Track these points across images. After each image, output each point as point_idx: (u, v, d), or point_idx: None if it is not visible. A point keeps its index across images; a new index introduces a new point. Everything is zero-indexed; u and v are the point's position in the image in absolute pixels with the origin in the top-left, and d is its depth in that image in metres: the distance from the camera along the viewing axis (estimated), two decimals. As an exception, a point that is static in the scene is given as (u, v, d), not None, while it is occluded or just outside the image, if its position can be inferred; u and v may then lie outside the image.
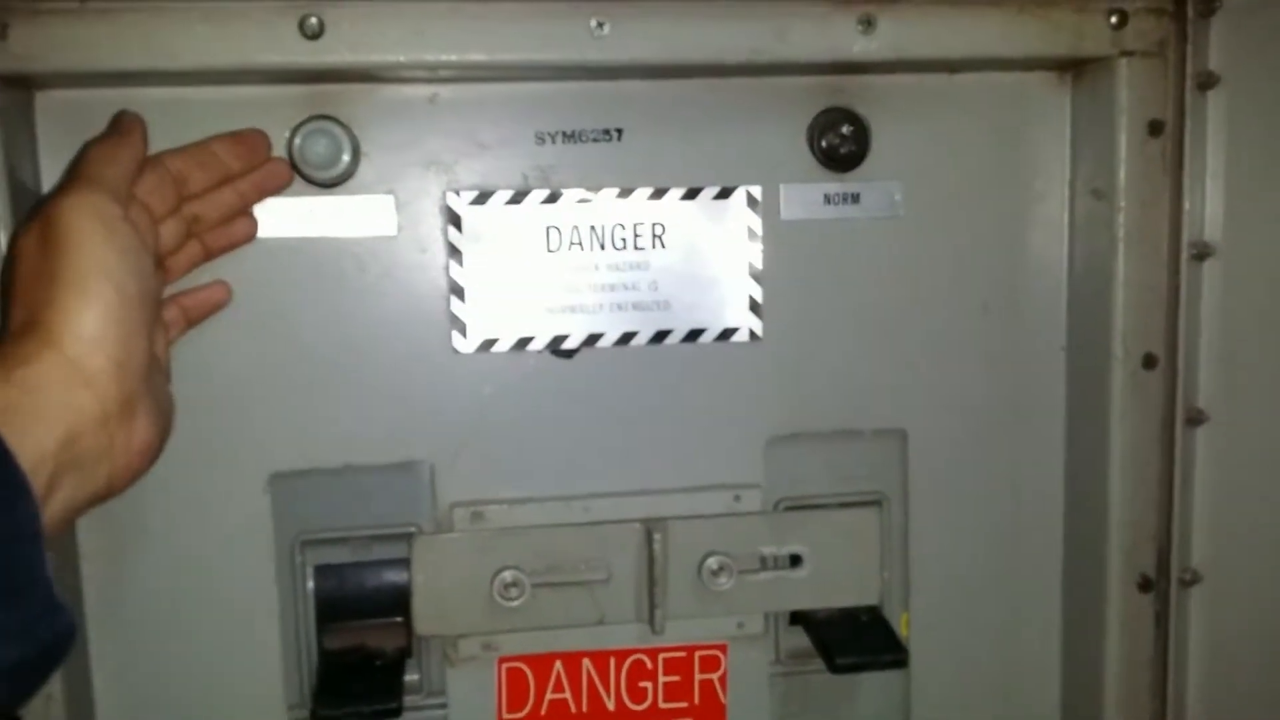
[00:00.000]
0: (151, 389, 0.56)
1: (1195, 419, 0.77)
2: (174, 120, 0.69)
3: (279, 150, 0.70)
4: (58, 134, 0.68)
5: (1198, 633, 0.80)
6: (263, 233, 0.70)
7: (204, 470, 0.72)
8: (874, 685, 0.84)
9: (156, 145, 0.68)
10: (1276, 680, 0.79)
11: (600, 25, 0.67)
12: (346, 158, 0.70)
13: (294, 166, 0.69)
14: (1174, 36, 0.74)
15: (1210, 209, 0.75)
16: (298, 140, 0.69)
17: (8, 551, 0.41)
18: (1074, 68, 0.77)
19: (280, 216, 0.70)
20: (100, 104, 0.68)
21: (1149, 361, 0.76)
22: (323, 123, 0.69)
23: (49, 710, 0.68)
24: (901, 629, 0.83)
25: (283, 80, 0.69)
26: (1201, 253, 0.75)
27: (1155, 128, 0.74)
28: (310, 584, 0.77)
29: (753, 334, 0.77)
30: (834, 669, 0.78)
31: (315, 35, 0.64)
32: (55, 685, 0.69)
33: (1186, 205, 0.75)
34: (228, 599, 0.74)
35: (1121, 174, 0.75)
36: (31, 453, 0.45)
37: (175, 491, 0.72)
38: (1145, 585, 0.79)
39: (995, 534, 0.83)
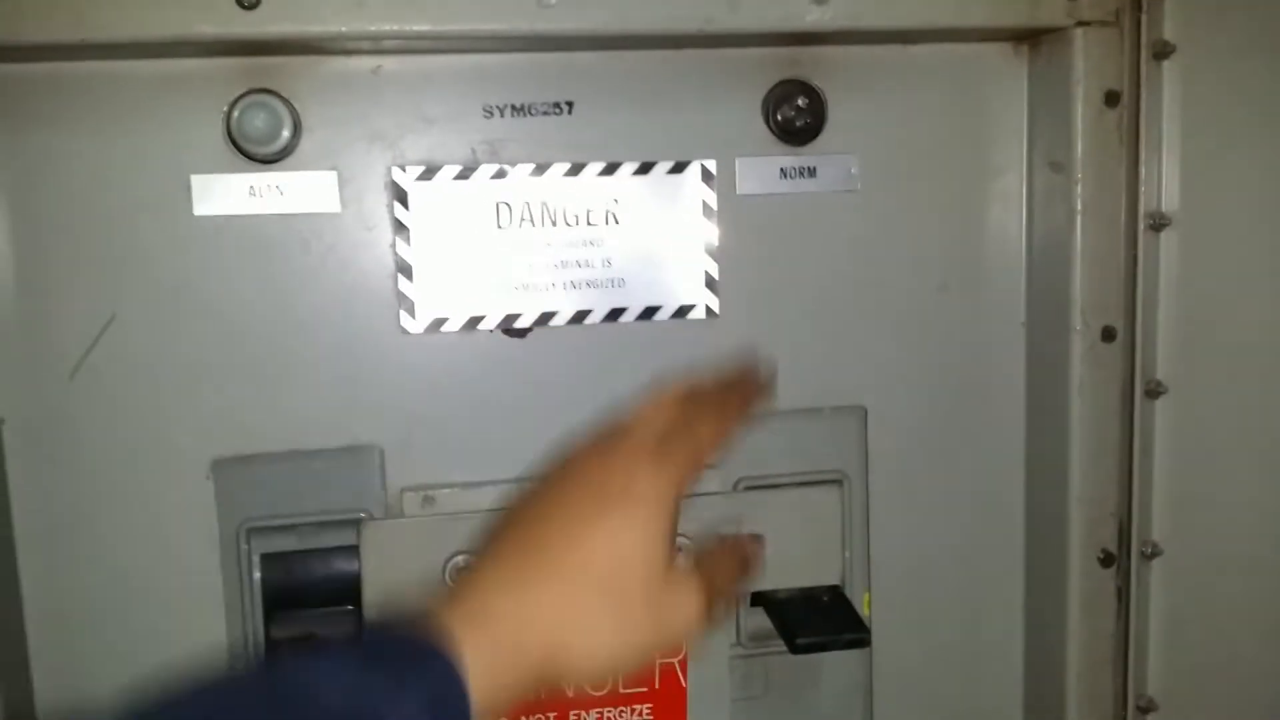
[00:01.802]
0: None
1: (1154, 391, 0.76)
2: (108, 95, 0.67)
3: (217, 124, 0.67)
4: (-14, 109, 0.66)
5: (1158, 606, 0.79)
6: (201, 210, 0.68)
7: (144, 456, 0.70)
8: (836, 665, 0.83)
9: (91, 120, 0.66)
10: (1235, 651, 0.79)
11: (547, -7, 0.65)
12: (287, 133, 0.68)
13: (232, 142, 0.67)
14: (1129, 6, 0.73)
15: (1166, 179, 0.74)
16: (236, 114, 0.67)
17: None
18: (1030, 38, 0.77)
19: (219, 193, 0.68)
20: (31, 79, 0.65)
21: (1108, 334, 0.76)
22: (262, 96, 0.67)
23: (-16, 707, 0.66)
24: (863, 608, 0.82)
25: (220, 53, 0.67)
26: (1158, 223, 0.74)
27: (1111, 98, 0.73)
28: (257, 574, 0.75)
29: (709, 311, 0.76)
30: (795, 649, 0.77)
31: (252, 5, 0.62)
32: (-9, 681, 0.66)
33: (1142, 176, 0.74)
34: (171, 589, 0.72)
35: (1079, 146, 0.74)
36: None
37: (114, 478, 0.70)
38: (1106, 560, 0.78)
39: (956, 511, 0.82)
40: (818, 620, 0.79)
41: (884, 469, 0.81)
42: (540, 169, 0.72)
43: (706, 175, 0.74)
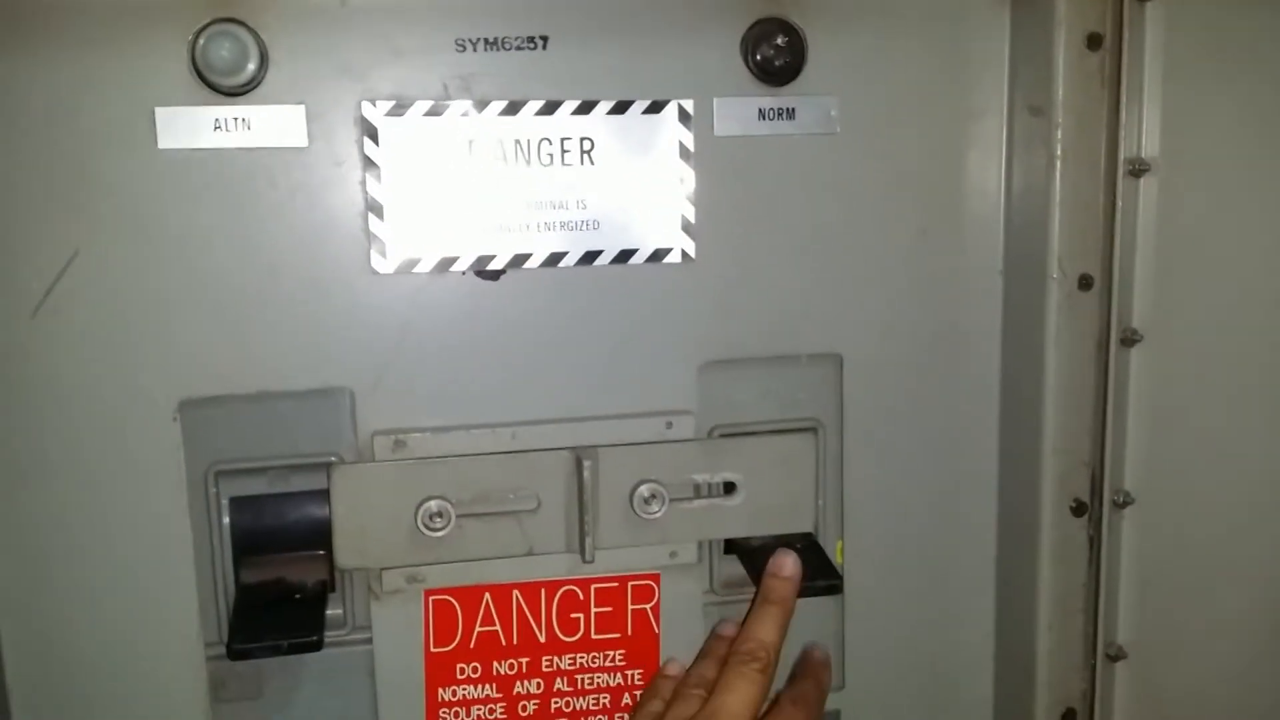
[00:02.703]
0: None
1: (1129, 339, 0.76)
2: (69, 22, 0.64)
3: (181, 55, 0.66)
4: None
5: (1130, 555, 0.80)
6: (165, 143, 0.66)
7: (108, 397, 0.69)
8: (808, 613, 0.82)
9: (51, 48, 0.64)
10: (1206, 601, 0.80)
11: (521, -78, 0.63)
12: (253, 65, 0.66)
13: (197, 73, 0.65)
14: (1113, -54, 0.72)
15: (1147, 124, 0.74)
16: (200, 44, 0.65)
17: None
18: (1013, -21, 0.76)
19: (184, 126, 0.66)
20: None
21: (1084, 282, 0.75)
22: (227, 25, 0.65)
23: (-55, 651, 0.65)
24: (836, 556, 0.82)
25: (184, -20, 0.65)
26: (1138, 169, 0.74)
27: (1093, 41, 0.72)
28: (226, 518, 0.74)
29: (685, 255, 0.75)
30: (768, 596, 0.77)
31: (215, -72, 0.60)
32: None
33: (1123, 120, 0.73)
34: (138, 533, 0.71)
35: (1059, 89, 0.73)
36: None
37: (78, 420, 0.69)
38: (1079, 509, 0.79)
39: (930, 460, 0.82)
40: (791, 567, 0.79)
41: (859, 417, 0.80)
42: (514, 107, 0.70)
43: (684, 115, 0.73)
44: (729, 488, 0.77)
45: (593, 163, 0.72)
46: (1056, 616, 0.80)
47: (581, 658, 0.79)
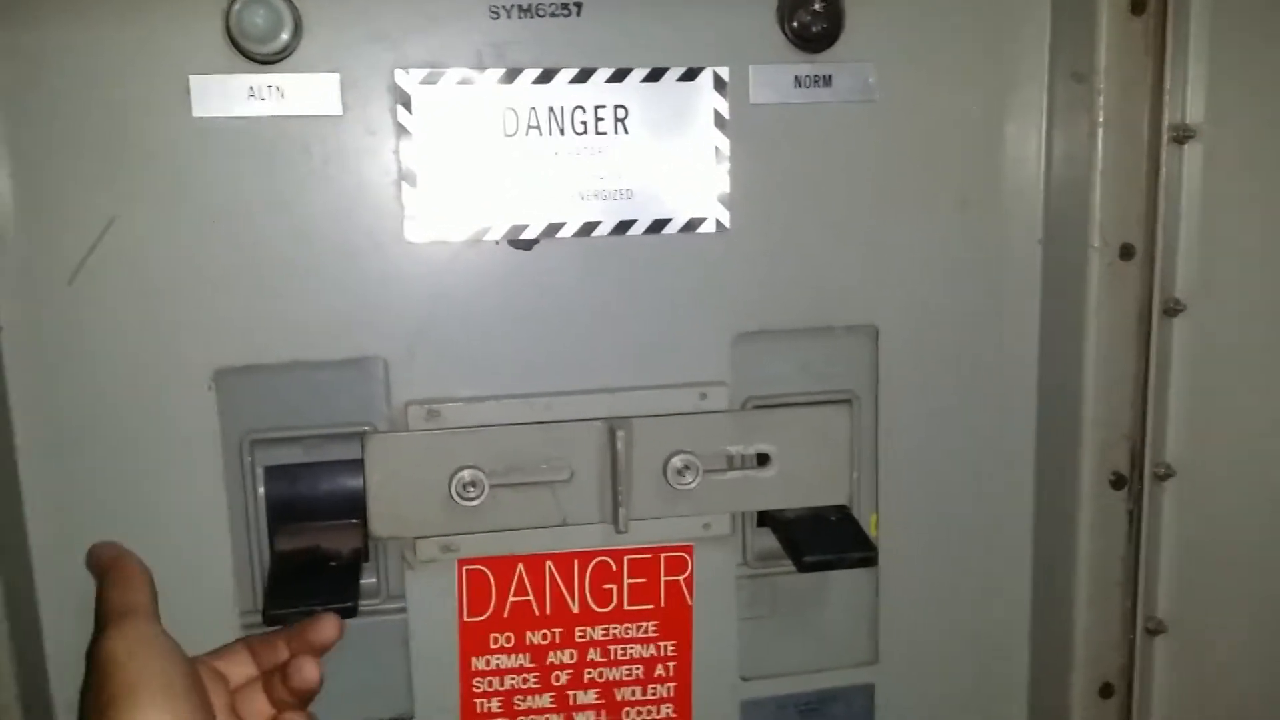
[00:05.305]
0: None
1: (1172, 309, 0.75)
2: (106, -6, 0.65)
3: (216, 23, 0.65)
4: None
5: (1170, 528, 0.79)
6: (200, 111, 0.66)
7: (145, 365, 0.69)
8: (842, 586, 0.83)
9: (87, 17, 0.64)
10: (1247, 574, 0.79)
11: (555, -115, 0.63)
12: (286, 33, 0.66)
13: (232, 41, 0.65)
14: (1158, -93, 0.70)
15: (1192, 90, 0.72)
16: (235, 11, 0.65)
17: None
18: (1055, -57, 0.74)
19: (218, 94, 0.66)
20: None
21: (1126, 252, 0.74)
22: (261, -7, 0.65)
23: (-12, 616, 0.66)
24: (871, 529, 0.81)
25: (217, -53, 0.65)
26: (1181, 136, 0.73)
27: (1137, 5, 0.71)
28: (260, 488, 0.74)
29: (720, 224, 0.74)
30: (802, 568, 0.77)
31: (249, -106, 0.60)
32: (-6, 589, 0.66)
33: (1167, 86, 0.72)
34: (174, 501, 0.71)
35: (1102, 55, 0.72)
36: None
37: (116, 389, 0.69)
38: (1118, 482, 0.78)
39: (967, 432, 0.81)
40: (825, 539, 0.78)
41: (895, 389, 0.79)
42: (547, 75, 0.70)
43: (719, 83, 0.72)
44: (763, 460, 0.77)
45: (626, 131, 0.72)
46: (1095, 591, 0.79)
47: (614, 628, 0.79)
